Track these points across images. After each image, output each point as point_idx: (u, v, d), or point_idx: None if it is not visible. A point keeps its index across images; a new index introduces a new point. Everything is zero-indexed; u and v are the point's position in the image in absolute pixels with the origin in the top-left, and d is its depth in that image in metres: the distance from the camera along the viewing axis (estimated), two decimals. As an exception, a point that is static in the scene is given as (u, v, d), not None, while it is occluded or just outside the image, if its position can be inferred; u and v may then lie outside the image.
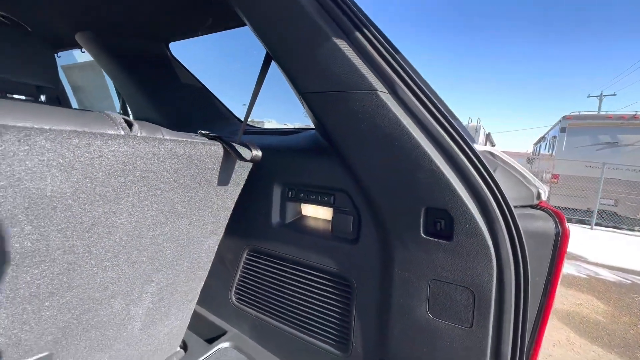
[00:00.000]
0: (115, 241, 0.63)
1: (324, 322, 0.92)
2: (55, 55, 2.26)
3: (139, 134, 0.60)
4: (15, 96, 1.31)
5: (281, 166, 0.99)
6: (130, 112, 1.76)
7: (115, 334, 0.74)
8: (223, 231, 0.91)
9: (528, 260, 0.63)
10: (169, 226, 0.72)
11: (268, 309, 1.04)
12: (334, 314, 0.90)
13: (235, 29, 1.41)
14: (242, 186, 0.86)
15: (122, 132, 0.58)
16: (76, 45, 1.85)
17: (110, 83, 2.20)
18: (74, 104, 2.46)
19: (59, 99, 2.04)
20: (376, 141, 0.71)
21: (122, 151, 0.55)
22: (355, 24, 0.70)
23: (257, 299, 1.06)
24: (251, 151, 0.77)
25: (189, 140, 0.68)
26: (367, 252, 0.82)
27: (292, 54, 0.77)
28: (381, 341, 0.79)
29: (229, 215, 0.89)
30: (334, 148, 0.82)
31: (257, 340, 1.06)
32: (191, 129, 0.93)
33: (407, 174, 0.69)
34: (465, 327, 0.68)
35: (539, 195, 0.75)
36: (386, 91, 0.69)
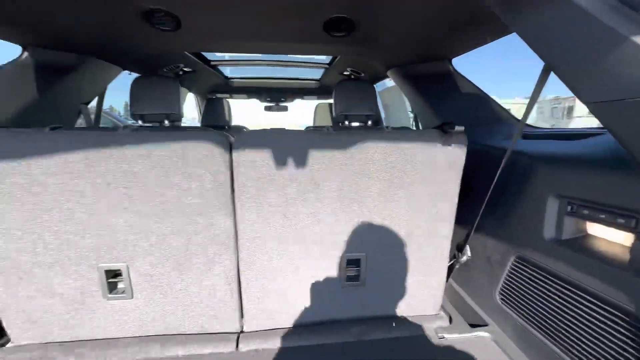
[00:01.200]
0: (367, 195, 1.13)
1: (598, 348, 0.78)
2: (374, 86, 3.23)
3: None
4: (353, 124, 2.12)
5: (560, 177, 0.92)
6: (419, 122, 2.20)
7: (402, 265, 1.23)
8: (454, 212, 1.20)
9: None
10: (412, 191, 1.16)
11: (534, 320, 1.02)
12: (611, 344, 0.74)
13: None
14: (462, 169, 1.16)
15: (327, 131, 1.14)
16: (386, 77, 2.56)
17: (406, 100, 2.83)
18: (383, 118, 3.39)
19: (377, 121, 2.87)
20: None
21: (324, 138, 1.09)
22: None
23: (522, 306, 1.07)
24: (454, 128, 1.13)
25: (406, 131, 1.16)
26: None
27: (573, 62, 0.72)
28: None
29: (454, 195, 1.19)
30: (636, 162, 0.67)
31: (519, 344, 1.07)
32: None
33: None
34: None
35: None
36: None
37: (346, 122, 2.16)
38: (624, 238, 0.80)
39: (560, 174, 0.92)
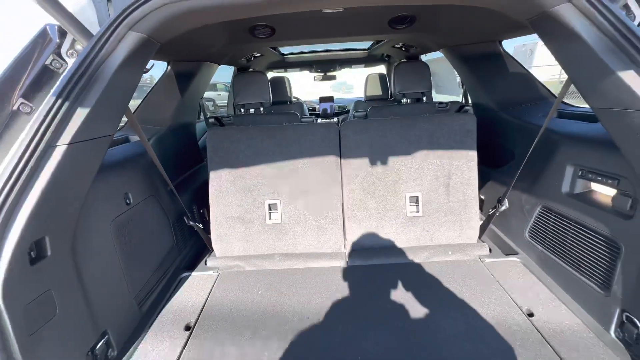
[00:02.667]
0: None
1: (592, 265, 1.25)
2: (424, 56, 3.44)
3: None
4: (402, 101, 2.51)
5: (576, 151, 1.33)
6: (469, 96, 2.52)
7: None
8: (476, 166, 1.80)
9: None
10: (447, 152, 1.74)
11: (553, 249, 1.49)
12: (600, 262, 1.21)
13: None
14: (475, 136, 1.78)
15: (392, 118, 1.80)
16: (437, 50, 2.80)
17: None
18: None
19: (424, 96, 3.03)
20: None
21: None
22: None
23: (544, 239, 1.54)
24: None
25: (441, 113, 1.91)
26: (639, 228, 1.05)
27: (585, 79, 1.09)
28: (636, 294, 1.05)
29: (474, 152, 1.79)
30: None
31: (540, 265, 1.56)
32: (510, 107, 2.01)
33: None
34: None
35: None
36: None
37: (404, 100, 2.55)
38: (611, 192, 1.21)
39: (577, 149, 1.32)
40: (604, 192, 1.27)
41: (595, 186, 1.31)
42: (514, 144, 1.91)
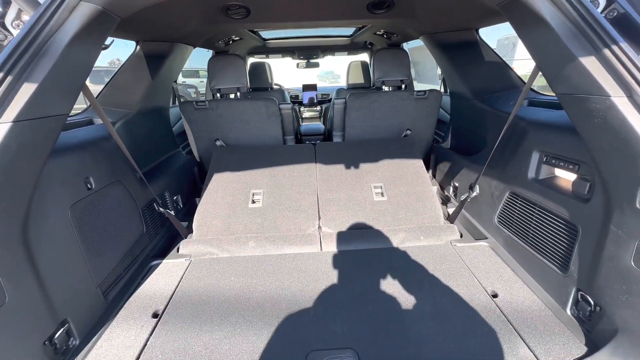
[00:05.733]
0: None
1: (552, 248, 1.30)
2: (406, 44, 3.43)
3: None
4: (385, 88, 2.51)
5: (542, 137, 1.36)
6: (448, 85, 2.53)
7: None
8: (422, 162, 2.13)
9: None
10: (403, 150, 2.05)
11: (518, 233, 1.54)
12: (560, 245, 1.26)
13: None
14: (417, 152, 2.18)
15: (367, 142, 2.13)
16: (417, 38, 2.80)
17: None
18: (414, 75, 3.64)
19: (404, 84, 3.05)
20: (609, 140, 0.96)
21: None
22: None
23: (511, 224, 1.59)
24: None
25: (390, 138, 2.28)
26: (595, 211, 1.09)
27: (550, 66, 1.11)
28: (590, 274, 1.10)
29: (420, 152, 2.22)
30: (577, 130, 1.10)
31: (507, 249, 1.61)
32: (484, 96, 2.09)
33: (630, 162, 0.91)
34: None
35: None
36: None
37: (384, 87, 2.53)
38: (572, 177, 1.26)
39: (542, 136, 1.35)
40: (566, 177, 1.31)
41: (558, 172, 1.36)
42: (486, 132, 1.94)
